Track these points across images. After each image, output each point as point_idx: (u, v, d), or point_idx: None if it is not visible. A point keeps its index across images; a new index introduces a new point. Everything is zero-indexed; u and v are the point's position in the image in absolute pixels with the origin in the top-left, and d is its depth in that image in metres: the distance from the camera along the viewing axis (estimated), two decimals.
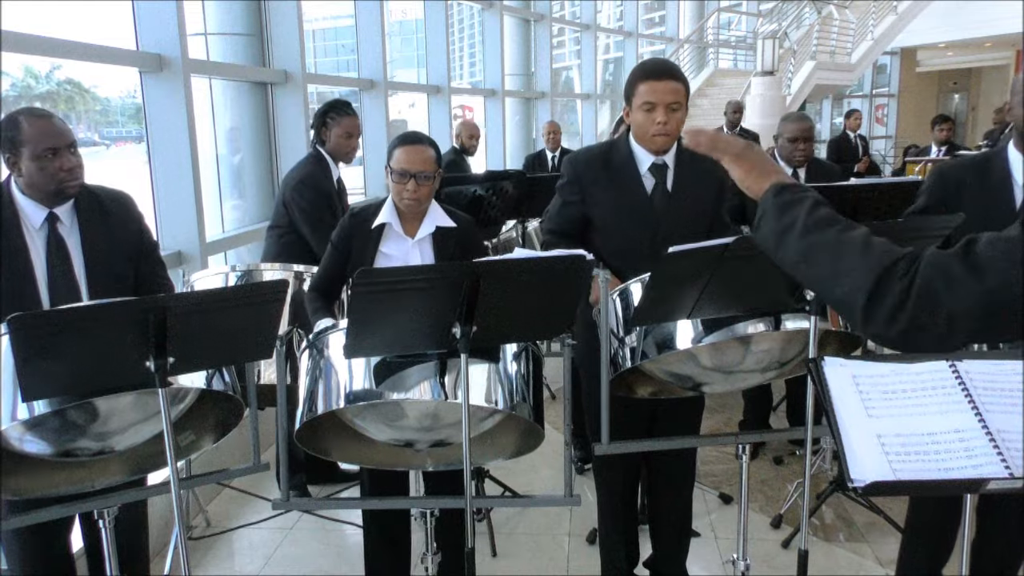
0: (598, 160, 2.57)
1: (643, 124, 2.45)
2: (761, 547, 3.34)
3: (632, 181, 2.52)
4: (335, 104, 3.62)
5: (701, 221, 2.55)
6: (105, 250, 2.29)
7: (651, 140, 2.46)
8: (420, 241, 2.55)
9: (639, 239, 2.49)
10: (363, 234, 2.53)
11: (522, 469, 3.95)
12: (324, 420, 2.27)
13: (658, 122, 2.42)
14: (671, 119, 2.42)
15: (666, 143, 2.48)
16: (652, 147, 2.49)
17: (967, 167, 2.47)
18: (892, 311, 1.03)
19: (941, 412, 1.44)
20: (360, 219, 2.56)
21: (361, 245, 2.52)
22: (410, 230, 2.55)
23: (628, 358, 2.27)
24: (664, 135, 2.44)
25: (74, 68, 5.17)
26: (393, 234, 2.54)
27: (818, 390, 1.51)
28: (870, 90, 21.14)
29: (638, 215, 2.50)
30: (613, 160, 2.54)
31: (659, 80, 2.41)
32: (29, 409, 1.91)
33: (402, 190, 2.47)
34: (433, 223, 2.56)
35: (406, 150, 2.48)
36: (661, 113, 2.41)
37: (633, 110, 2.48)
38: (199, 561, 3.37)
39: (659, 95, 2.40)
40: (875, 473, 1.37)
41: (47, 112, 2.20)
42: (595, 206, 2.54)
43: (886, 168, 14.81)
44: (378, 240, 2.53)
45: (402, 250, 2.54)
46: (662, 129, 2.43)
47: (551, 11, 10.40)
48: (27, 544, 2.30)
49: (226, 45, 4.97)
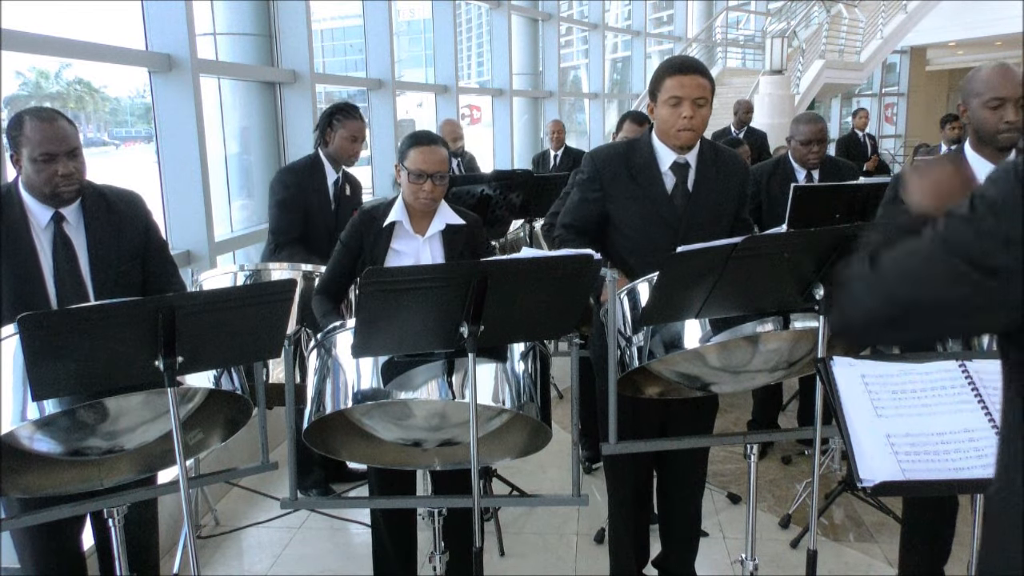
0: (619, 157, 2.55)
1: (668, 119, 2.44)
2: (770, 547, 3.33)
3: (653, 179, 2.50)
4: (342, 106, 3.60)
5: (722, 221, 2.54)
6: (111, 249, 2.29)
7: (676, 136, 2.44)
8: (430, 239, 2.58)
9: (658, 238, 2.47)
10: (374, 232, 2.55)
11: (530, 468, 3.95)
12: (332, 419, 2.28)
13: (684, 116, 2.40)
14: (697, 115, 2.41)
15: (691, 139, 2.46)
16: (676, 143, 2.47)
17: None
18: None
19: (951, 412, 1.44)
20: (371, 217, 2.58)
21: (372, 242, 2.55)
22: (420, 228, 2.57)
23: (635, 357, 2.27)
24: (689, 130, 2.43)
25: (84, 68, 5.19)
26: (404, 232, 2.56)
27: (827, 390, 1.51)
28: (879, 89, 21.05)
29: (657, 214, 2.49)
30: (634, 158, 2.53)
31: (686, 75, 2.40)
32: (39, 409, 1.92)
33: (419, 190, 2.49)
34: (443, 221, 2.58)
35: (422, 151, 2.49)
36: (688, 108, 2.40)
37: (658, 105, 2.46)
38: (208, 560, 3.38)
39: (686, 90, 2.39)
40: (884, 473, 1.36)
41: (52, 114, 2.17)
42: (615, 203, 2.53)
43: (895, 167, 14.74)
44: (389, 238, 2.55)
45: (413, 248, 2.57)
46: (688, 124, 2.41)
47: (559, 10, 10.39)
48: (39, 542, 2.31)
49: (235, 45, 4.99)
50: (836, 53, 14.95)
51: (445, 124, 6.42)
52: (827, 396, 1.51)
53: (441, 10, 7.61)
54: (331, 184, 3.55)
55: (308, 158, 3.59)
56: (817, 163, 3.95)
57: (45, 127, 2.14)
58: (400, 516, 2.73)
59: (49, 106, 2.25)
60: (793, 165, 3.98)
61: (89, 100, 5.64)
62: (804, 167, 3.96)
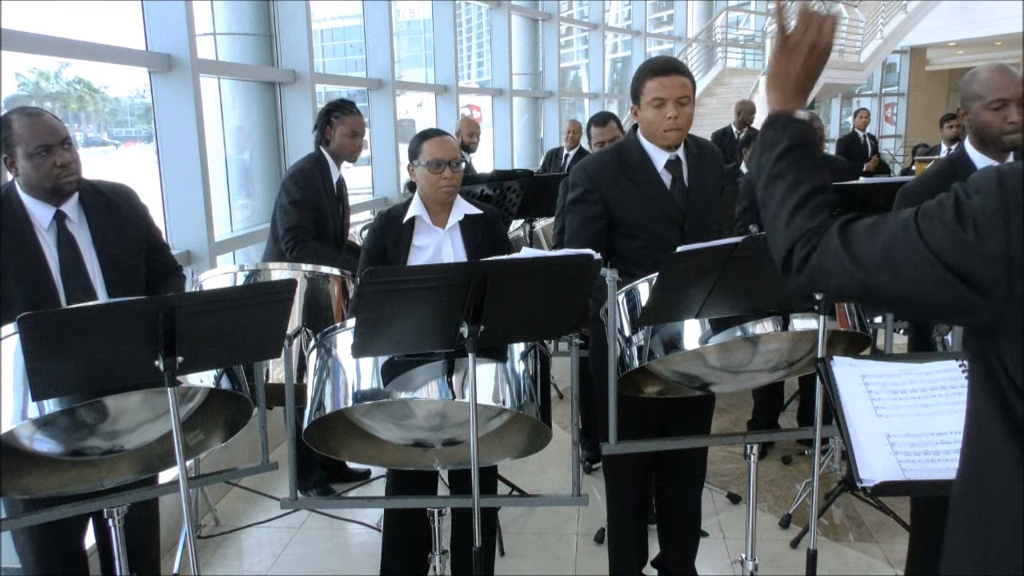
0: (611, 164, 2.55)
1: (654, 120, 2.46)
2: (770, 547, 3.33)
3: (652, 179, 2.52)
4: (339, 103, 3.61)
5: (714, 209, 2.62)
6: (116, 243, 2.31)
7: (663, 136, 2.47)
8: (450, 230, 2.64)
9: (666, 236, 2.47)
10: (395, 231, 2.61)
11: (530, 468, 3.95)
12: (333, 419, 2.28)
13: (669, 117, 2.43)
14: (681, 113, 2.43)
15: (678, 138, 2.49)
16: (664, 143, 2.49)
17: (932, 185, 2.48)
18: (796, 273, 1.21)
19: (951, 412, 1.44)
20: (389, 218, 2.65)
21: (394, 241, 2.60)
22: (439, 221, 2.63)
23: (635, 357, 2.27)
24: (676, 129, 2.45)
25: (84, 68, 5.19)
26: (424, 227, 2.62)
27: (827, 390, 1.51)
28: (879, 89, 21.05)
29: (663, 212, 2.50)
30: (627, 161, 2.53)
31: (667, 75, 2.43)
32: (39, 408, 1.92)
33: (439, 179, 2.56)
34: (461, 212, 2.65)
35: (435, 142, 2.58)
36: (672, 108, 2.42)
37: (642, 108, 2.48)
38: (208, 560, 3.38)
39: (668, 90, 2.42)
40: (884, 473, 1.36)
41: (37, 110, 2.20)
42: (617, 209, 2.52)
43: (895, 167, 14.73)
44: (410, 234, 2.61)
45: (435, 240, 2.62)
46: (673, 124, 2.44)
47: (559, 10, 10.39)
48: (40, 542, 2.31)
49: (235, 45, 4.99)
50: (836, 53, 14.92)
51: (463, 121, 6.53)
52: (827, 396, 1.51)
53: (441, 10, 7.61)
54: (335, 182, 3.59)
55: (313, 157, 3.58)
56: None
57: (34, 122, 2.15)
58: (415, 517, 2.72)
59: (45, 105, 2.26)
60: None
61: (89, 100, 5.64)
62: None
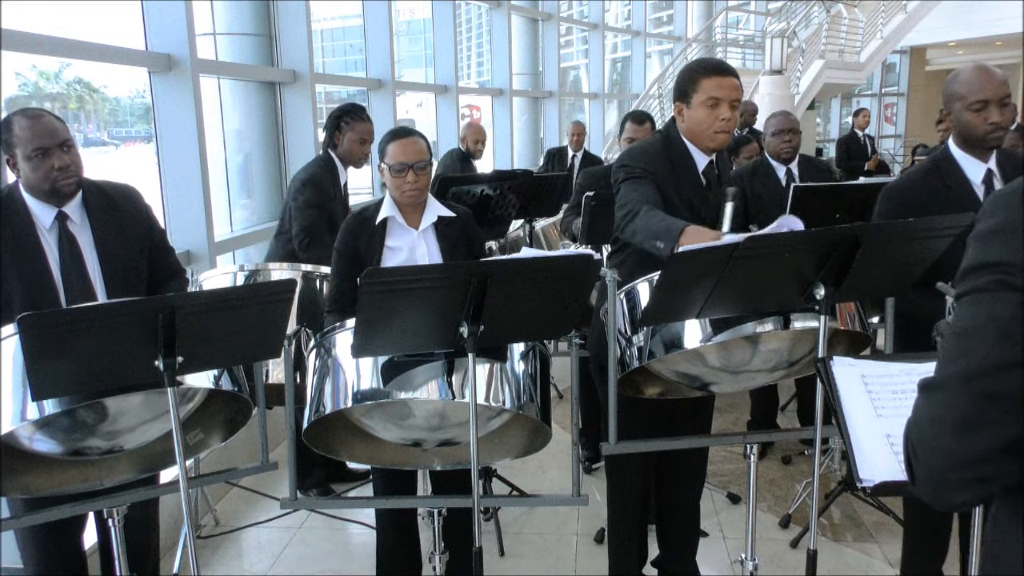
0: (662, 155, 2.50)
1: (704, 120, 2.42)
2: (769, 547, 3.33)
3: (693, 179, 2.49)
4: (350, 108, 3.59)
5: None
6: (118, 244, 2.30)
7: (712, 137, 2.43)
8: (424, 232, 2.57)
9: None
10: (367, 232, 2.54)
11: (530, 468, 3.95)
12: (332, 419, 2.28)
13: (723, 118, 2.40)
14: (733, 116, 2.41)
15: (725, 140, 2.46)
16: (712, 144, 2.46)
17: (917, 185, 2.49)
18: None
19: None
20: (362, 219, 2.57)
21: (367, 243, 2.53)
22: (413, 222, 2.57)
23: (635, 357, 2.27)
24: (725, 132, 2.43)
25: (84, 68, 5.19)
26: (397, 227, 2.55)
27: (827, 390, 1.51)
28: (879, 89, 21.04)
29: (698, 215, 2.46)
30: (674, 157, 2.50)
31: (724, 76, 2.40)
32: (39, 408, 1.92)
33: (402, 183, 2.48)
34: (435, 213, 2.58)
35: (399, 144, 2.50)
36: (726, 109, 2.39)
37: (692, 106, 2.43)
38: (208, 560, 3.38)
39: (725, 91, 2.39)
40: (884, 473, 1.36)
41: (39, 112, 2.19)
42: (664, 196, 2.46)
43: (895, 167, 14.74)
44: (383, 236, 2.54)
45: (408, 242, 2.56)
46: (725, 126, 2.41)
47: (559, 10, 10.38)
48: (41, 542, 2.32)
49: (235, 45, 4.99)
50: (836, 53, 14.93)
51: (470, 127, 6.34)
52: (827, 396, 1.51)
53: (441, 10, 7.60)
54: (343, 184, 3.61)
55: (322, 160, 3.60)
56: (792, 154, 4.07)
57: (33, 124, 2.15)
58: (406, 517, 2.73)
59: (36, 106, 2.26)
60: (771, 162, 4.09)
61: (89, 100, 5.64)
62: (780, 161, 4.07)
